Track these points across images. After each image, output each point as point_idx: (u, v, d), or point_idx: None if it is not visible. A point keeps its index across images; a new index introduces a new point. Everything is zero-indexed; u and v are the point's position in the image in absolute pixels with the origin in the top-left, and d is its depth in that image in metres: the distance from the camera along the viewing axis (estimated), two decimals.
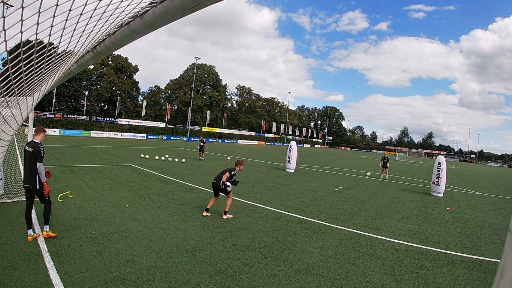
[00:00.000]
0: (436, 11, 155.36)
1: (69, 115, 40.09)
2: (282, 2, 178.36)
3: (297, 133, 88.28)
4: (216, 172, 13.01)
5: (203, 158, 17.81)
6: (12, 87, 2.65)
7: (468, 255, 5.18)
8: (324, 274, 3.93)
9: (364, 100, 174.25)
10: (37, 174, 4.15)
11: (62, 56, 3.48)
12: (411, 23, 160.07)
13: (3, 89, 2.47)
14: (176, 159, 16.35)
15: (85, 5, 1.94)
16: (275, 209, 7.17)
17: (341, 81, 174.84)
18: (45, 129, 4.02)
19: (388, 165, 16.59)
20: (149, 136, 46.05)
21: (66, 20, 2.03)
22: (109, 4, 2.17)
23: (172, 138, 49.81)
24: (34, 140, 4.30)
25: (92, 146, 21.65)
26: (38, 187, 4.17)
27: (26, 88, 3.46)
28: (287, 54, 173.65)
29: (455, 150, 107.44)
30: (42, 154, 4.21)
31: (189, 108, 55.62)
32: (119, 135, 42.14)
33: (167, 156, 17.00)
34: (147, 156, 16.65)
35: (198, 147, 18.19)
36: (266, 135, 75.04)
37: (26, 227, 4.31)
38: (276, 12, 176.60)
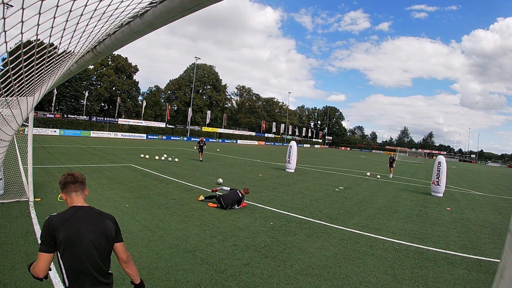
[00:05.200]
0: (438, 11, 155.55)
1: (69, 115, 40.08)
2: (284, 1, 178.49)
3: (297, 133, 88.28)
4: (217, 172, 13.01)
5: (201, 159, 17.37)
6: (12, 87, 2.66)
7: (468, 255, 5.18)
8: (324, 274, 3.94)
9: (365, 100, 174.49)
10: None
11: (62, 57, 3.48)
12: (413, 23, 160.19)
13: (4, 89, 2.47)
14: (176, 159, 16.35)
15: (86, 5, 1.94)
16: (275, 209, 7.17)
17: (342, 81, 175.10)
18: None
19: (394, 164, 17.35)
20: (149, 136, 46.05)
21: (67, 20, 2.04)
22: (109, 5, 2.17)
23: (172, 138, 49.81)
24: None
25: (92, 146, 21.65)
26: None
27: (27, 88, 3.47)
28: (290, 54, 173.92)
29: (455, 150, 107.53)
30: None
31: (189, 108, 55.62)
32: (119, 135, 42.14)
33: (165, 156, 17.00)
34: (147, 156, 16.65)
35: (198, 147, 17.47)
36: (266, 135, 75.02)
37: (27, 227, 4.33)
38: (279, 12, 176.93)
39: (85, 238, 1.60)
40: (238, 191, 7.08)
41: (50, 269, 1.71)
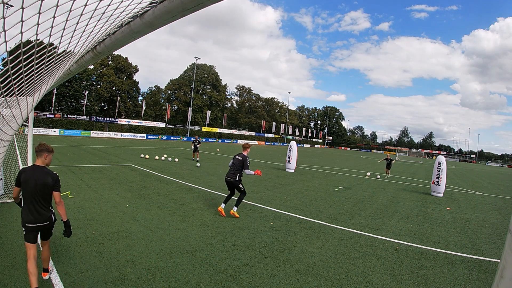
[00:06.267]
0: (438, 11, 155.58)
1: (69, 115, 40.07)
2: (285, 1, 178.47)
3: (297, 133, 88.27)
4: (218, 172, 13.01)
5: (198, 159, 17.16)
6: (12, 87, 2.66)
7: (468, 255, 5.18)
8: (324, 274, 3.93)
9: (365, 100, 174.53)
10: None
11: (62, 56, 3.48)
12: (413, 23, 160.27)
13: (3, 89, 2.47)
14: (176, 159, 16.36)
15: (85, 5, 1.94)
16: (275, 209, 7.17)
17: (343, 81, 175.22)
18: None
19: (391, 166, 17.33)
20: (149, 136, 46.04)
21: (67, 20, 2.04)
22: (109, 5, 2.17)
23: (172, 138, 49.80)
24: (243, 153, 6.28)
25: (92, 146, 21.65)
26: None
27: (26, 88, 3.47)
28: (290, 54, 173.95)
29: (455, 150, 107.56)
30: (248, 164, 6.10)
31: (189, 108, 55.62)
32: (119, 135, 42.13)
33: (165, 156, 17.00)
34: (147, 156, 16.65)
35: (193, 147, 17.21)
36: (266, 135, 75.01)
37: None
38: (279, 12, 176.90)
39: (31, 181, 2.88)
40: (235, 156, 6.39)
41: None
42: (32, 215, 2.88)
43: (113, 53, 46.68)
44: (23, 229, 2.92)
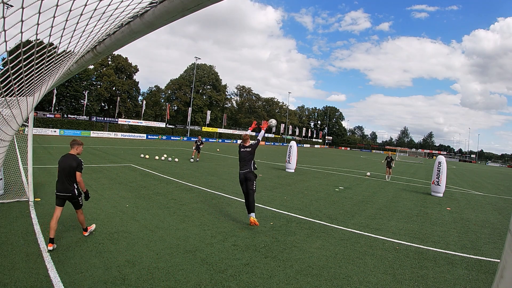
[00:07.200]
0: (438, 11, 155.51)
1: (69, 115, 40.07)
2: (285, 1, 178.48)
3: (297, 133, 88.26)
4: (218, 172, 13.01)
5: (198, 159, 17.11)
6: (12, 87, 2.66)
7: (468, 255, 5.18)
8: (324, 274, 3.93)
9: (365, 100, 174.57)
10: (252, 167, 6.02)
11: (62, 56, 3.48)
12: (413, 23, 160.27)
13: (3, 89, 2.46)
14: (176, 159, 16.35)
15: (85, 5, 1.94)
16: (275, 209, 7.17)
17: (343, 81, 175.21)
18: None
19: (392, 165, 15.75)
20: (149, 136, 46.05)
21: (66, 20, 2.03)
22: (109, 4, 2.17)
23: (172, 138, 49.80)
24: None
25: (92, 146, 21.65)
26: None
27: (26, 88, 3.47)
28: (290, 54, 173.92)
29: (455, 150, 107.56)
30: None
31: (189, 108, 55.61)
32: (119, 135, 42.13)
33: (165, 156, 17.00)
34: (147, 156, 16.65)
35: (194, 146, 17.03)
36: (266, 135, 75.02)
37: (27, 227, 4.33)
38: (279, 11, 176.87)
39: (62, 164, 4.14)
40: (241, 149, 6.11)
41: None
42: (60, 187, 4.11)
43: (113, 53, 46.65)
44: (56, 196, 4.15)
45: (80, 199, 4.29)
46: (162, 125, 51.37)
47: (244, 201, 6.11)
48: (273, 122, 6.49)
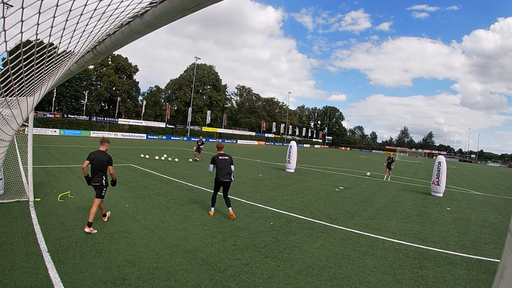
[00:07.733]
0: (439, 11, 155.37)
1: (69, 115, 40.07)
2: (285, 1, 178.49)
3: (297, 133, 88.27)
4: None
5: (198, 159, 17.06)
6: (12, 87, 2.66)
7: (468, 255, 5.18)
8: (324, 274, 3.93)
9: (365, 100, 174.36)
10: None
11: (62, 56, 3.48)
12: (413, 23, 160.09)
13: (3, 89, 2.47)
14: (176, 159, 16.35)
15: (85, 5, 1.94)
16: (275, 209, 7.17)
17: (343, 81, 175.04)
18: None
19: (392, 166, 15.58)
20: (149, 136, 46.05)
21: (66, 20, 2.04)
22: (109, 4, 2.17)
23: (172, 138, 49.80)
24: None
25: (92, 146, 21.64)
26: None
27: (27, 88, 3.47)
28: (290, 54, 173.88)
29: (455, 150, 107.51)
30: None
31: (189, 108, 55.62)
32: (119, 135, 42.14)
33: (165, 156, 17.00)
34: (147, 156, 16.65)
35: (195, 147, 17.08)
36: (266, 135, 75.01)
37: (27, 227, 4.33)
38: (280, 11, 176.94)
39: (95, 159, 4.92)
40: (219, 157, 6.40)
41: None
42: (93, 178, 4.91)
43: (113, 53, 46.64)
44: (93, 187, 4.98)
45: (104, 190, 4.98)
46: (162, 125, 51.38)
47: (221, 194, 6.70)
48: None
